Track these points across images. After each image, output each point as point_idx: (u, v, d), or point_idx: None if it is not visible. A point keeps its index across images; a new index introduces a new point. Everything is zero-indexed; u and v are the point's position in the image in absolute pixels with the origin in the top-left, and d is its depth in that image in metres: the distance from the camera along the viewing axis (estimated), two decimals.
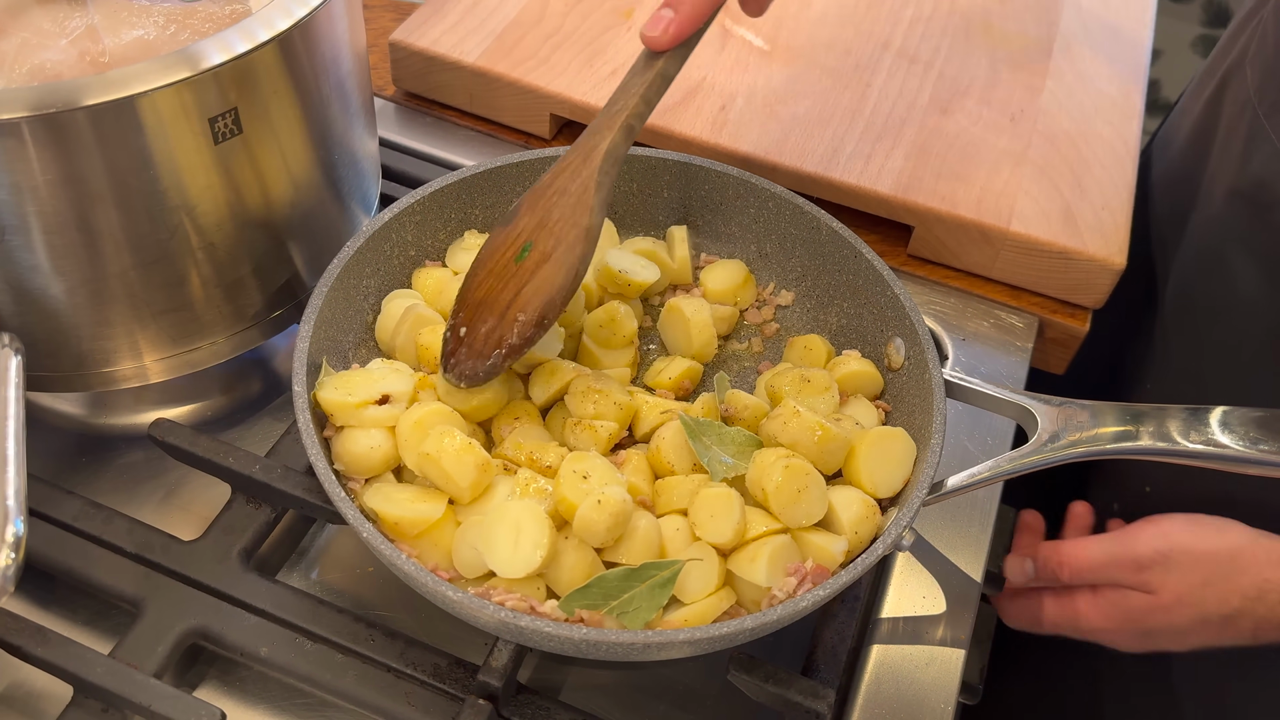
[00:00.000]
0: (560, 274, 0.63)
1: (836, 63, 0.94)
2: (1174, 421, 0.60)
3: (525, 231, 0.65)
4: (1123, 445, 0.60)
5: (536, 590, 0.58)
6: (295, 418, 0.60)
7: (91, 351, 0.66)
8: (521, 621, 0.53)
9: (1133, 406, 0.61)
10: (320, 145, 0.68)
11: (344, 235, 0.75)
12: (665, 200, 0.79)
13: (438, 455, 0.60)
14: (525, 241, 0.64)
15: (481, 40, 0.91)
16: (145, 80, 0.56)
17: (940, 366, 0.66)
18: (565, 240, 0.63)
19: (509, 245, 0.65)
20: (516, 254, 0.64)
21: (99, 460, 0.73)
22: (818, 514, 0.60)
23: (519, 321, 0.63)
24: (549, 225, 0.64)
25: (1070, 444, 0.62)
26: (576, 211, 0.63)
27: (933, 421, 0.64)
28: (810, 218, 0.73)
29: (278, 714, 0.63)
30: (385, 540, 0.56)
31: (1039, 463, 0.62)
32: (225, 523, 0.66)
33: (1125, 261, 0.82)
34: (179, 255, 0.64)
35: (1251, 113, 0.76)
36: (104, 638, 0.64)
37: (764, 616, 0.55)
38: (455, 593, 0.54)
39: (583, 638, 0.53)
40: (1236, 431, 0.57)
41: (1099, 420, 0.62)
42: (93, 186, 0.58)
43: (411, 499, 0.61)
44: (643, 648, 0.54)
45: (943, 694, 0.64)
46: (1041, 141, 0.90)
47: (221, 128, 0.60)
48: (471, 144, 0.92)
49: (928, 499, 0.62)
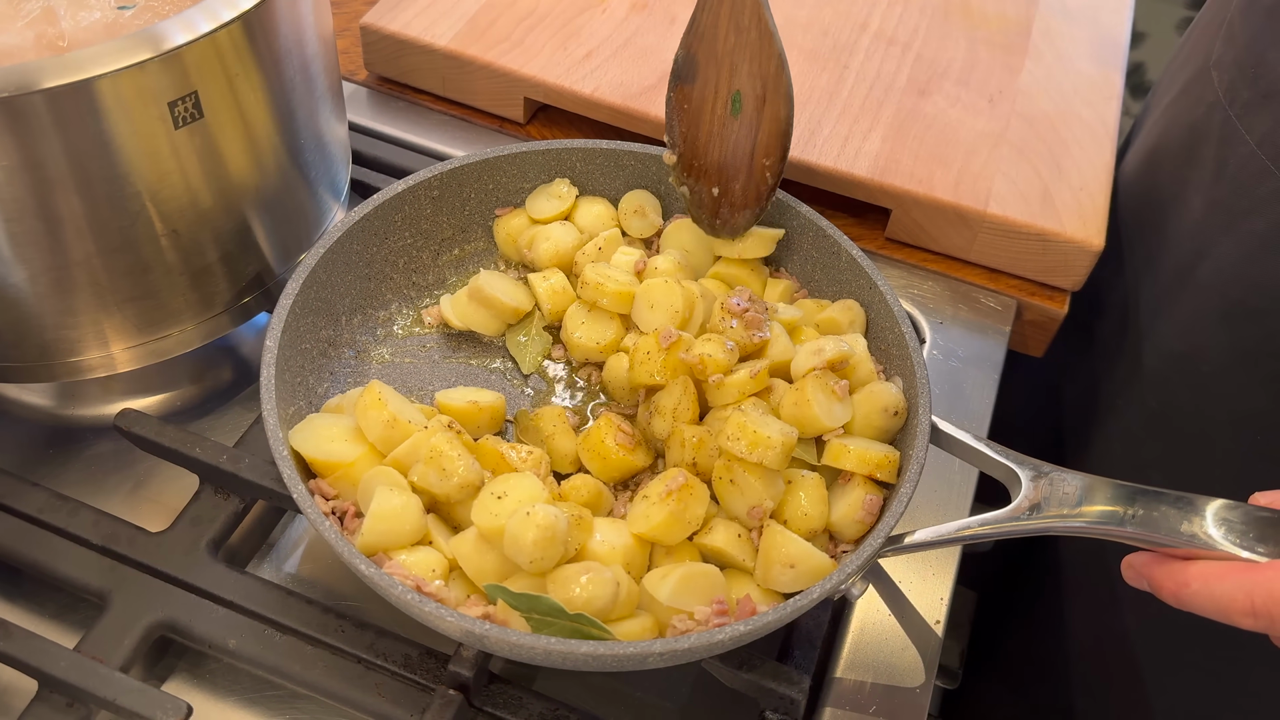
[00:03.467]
0: (783, 108, 0.66)
1: (814, 44, 0.94)
2: (1165, 508, 0.54)
3: (722, 83, 0.67)
4: (1106, 527, 0.55)
5: (430, 572, 0.57)
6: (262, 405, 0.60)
7: (56, 341, 0.65)
8: (482, 630, 0.52)
9: (1127, 487, 0.56)
10: (286, 130, 0.67)
11: (314, 221, 0.74)
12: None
13: (363, 408, 0.61)
14: (731, 92, 0.66)
15: (454, 23, 0.90)
16: (103, 63, 0.55)
17: (930, 413, 0.63)
18: (769, 75, 0.65)
19: (713, 101, 0.67)
20: (728, 107, 0.66)
21: (66, 452, 0.72)
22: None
23: (767, 166, 0.67)
24: (746, 68, 0.66)
25: (1051, 516, 0.57)
26: (763, 43, 0.65)
27: (909, 469, 0.61)
28: (832, 241, 0.72)
29: (247, 706, 0.62)
30: (341, 537, 0.55)
31: (1013, 531, 0.58)
32: (193, 514, 0.65)
33: (1103, 243, 0.82)
34: (142, 242, 0.62)
35: (1222, 114, 0.75)
36: (70, 631, 0.64)
37: (675, 644, 0.52)
38: (413, 597, 0.53)
39: (545, 648, 0.52)
40: (1236, 529, 0.51)
41: (1088, 497, 0.56)
42: (52, 172, 0.57)
43: (332, 439, 0.61)
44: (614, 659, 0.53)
45: (919, 679, 0.64)
46: (1020, 123, 0.89)
47: (181, 112, 0.58)
48: (445, 128, 0.90)
49: (885, 550, 0.59)
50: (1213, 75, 0.76)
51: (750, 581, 0.60)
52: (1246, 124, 0.72)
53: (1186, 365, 0.77)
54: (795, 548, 0.58)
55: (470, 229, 0.75)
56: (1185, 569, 0.52)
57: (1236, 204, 0.72)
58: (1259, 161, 0.70)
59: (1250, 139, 0.71)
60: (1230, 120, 0.73)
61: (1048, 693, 0.91)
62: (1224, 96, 0.74)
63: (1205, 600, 0.50)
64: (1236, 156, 0.72)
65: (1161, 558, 0.53)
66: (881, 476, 0.62)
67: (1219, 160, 0.74)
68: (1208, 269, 0.75)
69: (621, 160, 0.76)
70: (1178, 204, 0.79)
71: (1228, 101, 0.74)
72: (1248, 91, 0.72)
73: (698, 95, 0.67)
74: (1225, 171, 0.74)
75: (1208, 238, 0.75)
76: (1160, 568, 0.53)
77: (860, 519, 0.61)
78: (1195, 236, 0.76)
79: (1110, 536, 0.56)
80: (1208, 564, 0.51)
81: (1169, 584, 0.52)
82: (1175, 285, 0.78)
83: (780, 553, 0.58)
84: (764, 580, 0.59)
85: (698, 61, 0.66)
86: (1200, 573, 0.51)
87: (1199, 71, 0.79)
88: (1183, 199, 0.79)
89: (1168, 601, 0.52)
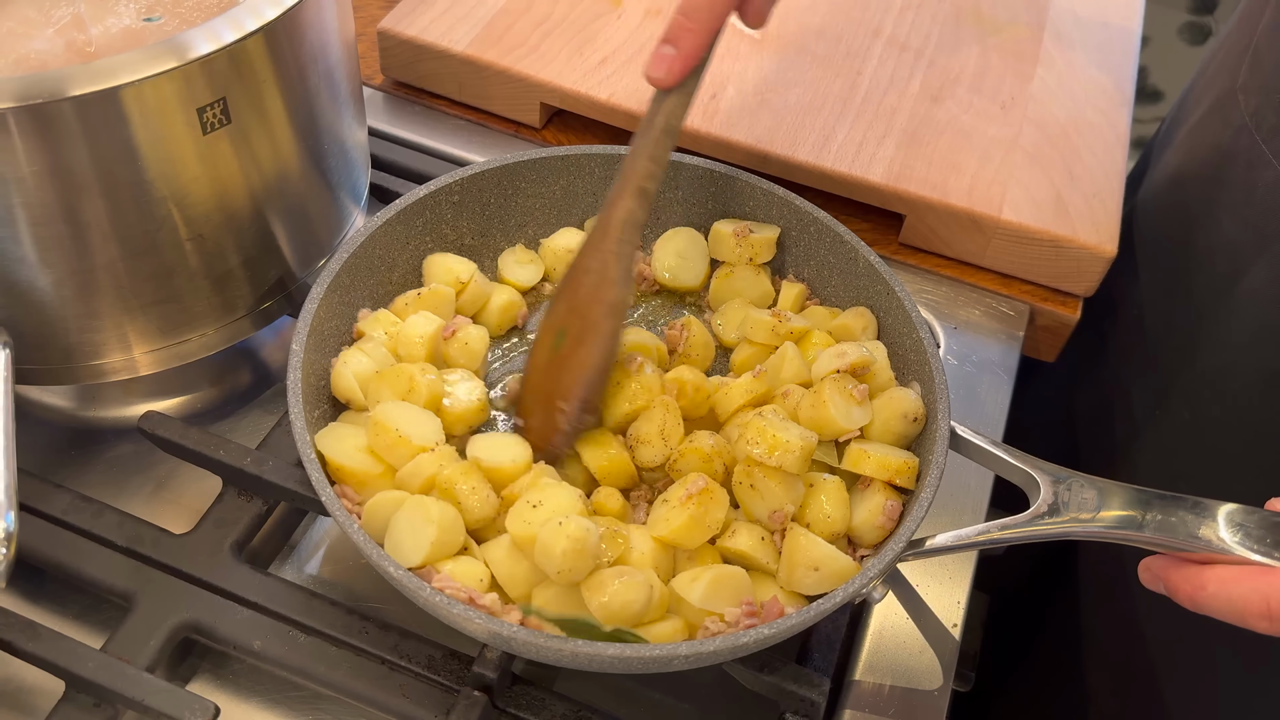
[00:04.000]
0: (592, 355, 0.63)
1: (827, 50, 0.94)
2: (1182, 513, 0.54)
3: (559, 318, 0.65)
4: (1124, 533, 0.56)
5: (479, 583, 0.57)
6: (289, 408, 0.60)
7: (80, 344, 0.66)
8: (508, 632, 0.53)
9: (1144, 492, 0.57)
10: (309, 135, 0.67)
11: (334, 226, 0.74)
12: (705, 208, 0.78)
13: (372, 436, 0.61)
14: (559, 328, 0.65)
15: (470, 28, 0.91)
16: (132, 70, 0.55)
17: (949, 419, 0.63)
18: (590, 319, 0.63)
19: (548, 335, 0.66)
20: (554, 342, 0.65)
21: (88, 453, 0.73)
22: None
23: (562, 411, 0.63)
24: (577, 308, 0.64)
25: (1069, 520, 0.58)
26: (600, 288, 0.64)
27: (929, 474, 0.61)
28: (850, 248, 0.72)
29: (271, 707, 0.63)
30: (370, 540, 0.55)
31: (1032, 535, 0.58)
32: (216, 516, 0.66)
33: (1116, 249, 0.82)
34: (167, 246, 0.63)
35: (1249, 139, 0.75)
36: (96, 632, 0.64)
37: (701, 645, 0.53)
38: (441, 599, 0.53)
39: (572, 650, 0.52)
40: (1252, 534, 0.52)
41: (1105, 502, 0.57)
42: (79, 178, 0.57)
43: (359, 447, 0.61)
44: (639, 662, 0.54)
45: (937, 682, 0.64)
46: (1032, 129, 0.90)
47: (210, 118, 0.59)
48: (461, 133, 0.91)
49: (905, 554, 0.60)
50: (1239, 99, 0.77)
51: (773, 584, 0.60)
52: (1273, 149, 0.72)
53: (1219, 382, 0.77)
54: (820, 550, 0.59)
55: (490, 233, 0.76)
56: (1201, 573, 0.52)
57: (1267, 226, 0.72)
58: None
59: (1277, 164, 0.71)
60: (1257, 145, 0.73)
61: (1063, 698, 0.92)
62: (1250, 120, 0.75)
63: (1221, 603, 0.51)
64: (1265, 180, 0.73)
65: (1178, 561, 0.54)
66: (900, 482, 0.63)
67: (1247, 184, 0.75)
68: (1244, 290, 0.75)
69: None
70: (1208, 223, 0.80)
71: (1254, 125, 0.74)
72: (1274, 117, 0.72)
73: (544, 325, 0.66)
74: (1254, 195, 0.74)
75: (1243, 259, 0.75)
76: (1177, 571, 0.53)
77: (880, 524, 0.61)
78: (1230, 258, 0.77)
79: (1128, 541, 0.56)
80: (1224, 568, 0.52)
81: (1185, 587, 0.53)
82: (1212, 303, 0.78)
83: (805, 555, 0.59)
84: (788, 583, 0.60)
85: (557, 294, 0.66)
86: (1216, 576, 0.51)
87: (1225, 93, 0.79)
88: (1213, 218, 0.79)
89: (1184, 605, 0.53)
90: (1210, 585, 0.52)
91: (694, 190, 0.77)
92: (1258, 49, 0.76)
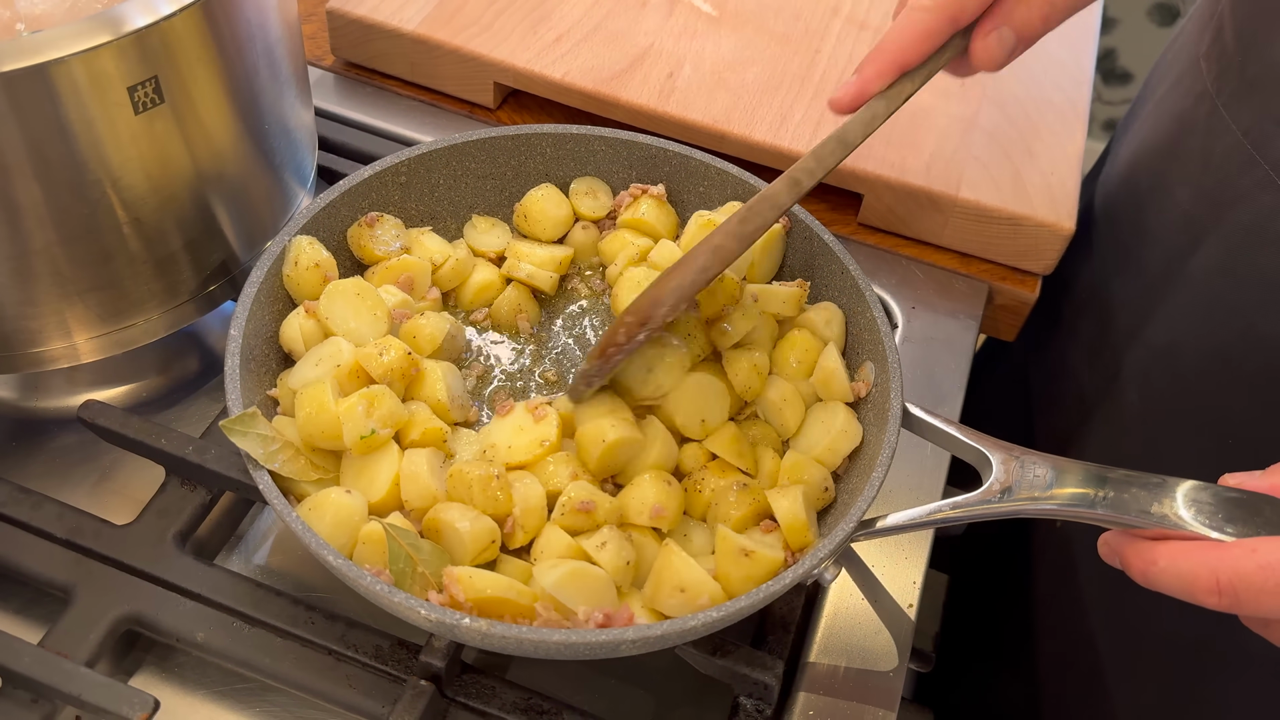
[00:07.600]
0: (673, 276, 0.62)
1: (785, 28, 0.93)
2: (1136, 489, 0.54)
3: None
4: (1077, 510, 0.56)
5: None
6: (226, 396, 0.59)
7: (17, 331, 0.64)
8: (451, 619, 0.52)
9: (1097, 469, 0.56)
10: (249, 115, 0.66)
11: (279, 208, 0.73)
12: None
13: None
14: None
15: (421, 6, 0.89)
16: (60, 46, 0.54)
17: (901, 398, 0.62)
18: (690, 253, 0.63)
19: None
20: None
21: (30, 444, 0.71)
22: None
23: (625, 324, 0.62)
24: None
25: (1023, 499, 0.57)
26: (713, 235, 0.63)
27: (880, 453, 0.61)
28: (804, 226, 0.71)
29: (217, 700, 0.62)
30: (309, 528, 0.54)
31: (985, 513, 0.58)
32: (159, 506, 0.64)
33: (1074, 226, 0.82)
34: (104, 230, 0.61)
35: (1209, 105, 0.74)
36: (35, 626, 0.63)
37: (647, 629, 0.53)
38: (383, 588, 0.52)
39: (517, 636, 0.51)
40: (1205, 510, 0.52)
41: (1060, 480, 0.57)
42: (9, 158, 0.56)
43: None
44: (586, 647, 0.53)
45: (893, 662, 0.64)
46: (991, 107, 0.89)
47: (141, 97, 0.57)
48: (413, 114, 0.89)
49: (857, 534, 0.59)
50: (1201, 66, 0.76)
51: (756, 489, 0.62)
52: (1232, 113, 0.71)
53: (1168, 361, 0.77)
54: (690, 573, 0.56)
55: (439, 215, 0.75)
56: (1153, 548, 0.52)
57: (1222, 195, 0.72)
58: (1244, 151, 0.70)
59: (1236, 128, 0.71)
60: (1217, 110, 0.73)
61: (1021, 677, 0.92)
62: (1211, 86, 0.74)
63: (1171, 578, 0.51)
64: (1222, 146, 0.72)
65: (1132, 537, 0.53)
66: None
67: (1205, 151, 0.74)
68: (1195, 264, 0.74)
69: (593, 146, 0.75)
70: (1161, 196, 0.79)
71: (1215, 91, 0.74)
72: (1235, 80, 0.72)
73: None
74: (1211, 163, 0.73)
75: (1195, 233, 0.75)
76: (1129, 547, 0.53)
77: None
78: (1183, 231, 0.76)
79: (1081, 518, 0.56)
80: (1175, 544, 0.51)
81: (1137, 562, 0.52)
82: (1162, 280, 0.78)
83: (673, 575, 0.57)
84: (651, 603, 0.58)
85: None
86: (1167, 551, 0.51)
87: (1189, 64, 0.79)
88: (1167, 191, 0.78)
89: (1136, 580, 0.53)
90: (1161, 560, 0.51)
91: (648, 170, 0.76)
92: (1221, 15, 0.75)
